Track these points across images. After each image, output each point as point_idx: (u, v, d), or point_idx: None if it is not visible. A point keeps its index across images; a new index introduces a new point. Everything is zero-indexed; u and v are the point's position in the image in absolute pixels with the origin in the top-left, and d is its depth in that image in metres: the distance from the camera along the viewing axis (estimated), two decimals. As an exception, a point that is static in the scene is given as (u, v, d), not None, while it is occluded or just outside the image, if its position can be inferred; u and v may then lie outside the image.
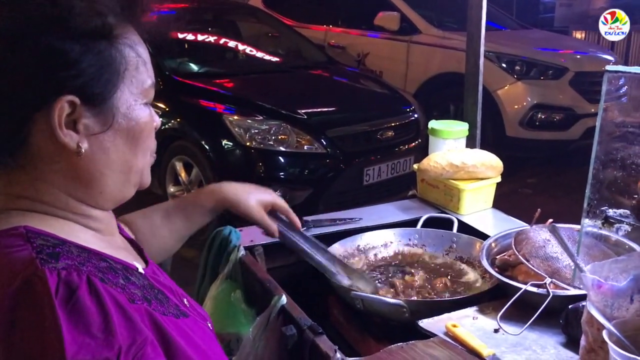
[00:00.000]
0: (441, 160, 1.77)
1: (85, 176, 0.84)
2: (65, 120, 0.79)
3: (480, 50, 2.04)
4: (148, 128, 0.88)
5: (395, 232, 1.67)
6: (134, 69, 0.85)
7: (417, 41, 5.69)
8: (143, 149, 0.89)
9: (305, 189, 3.75)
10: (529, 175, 5.22)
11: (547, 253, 1.33)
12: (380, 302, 1.33)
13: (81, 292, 0.70)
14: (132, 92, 0.85)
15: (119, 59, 0.82)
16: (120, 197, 0.91)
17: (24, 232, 0.77)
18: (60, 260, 0.74)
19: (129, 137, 0.86)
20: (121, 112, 0.84)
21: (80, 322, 0.68)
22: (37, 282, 0.69)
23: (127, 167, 0.88)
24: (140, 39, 0.88)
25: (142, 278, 0.88)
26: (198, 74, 4.40)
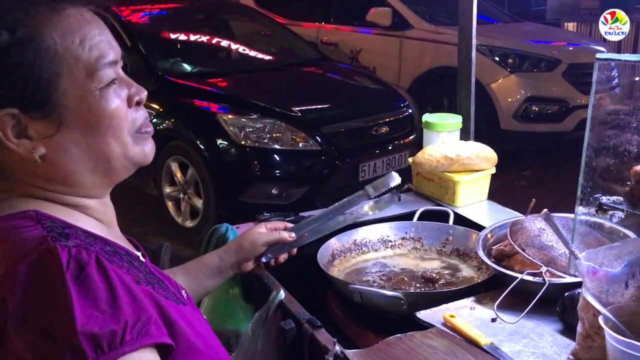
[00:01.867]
0: (436, 153, 1.78)
1: (58, 176, 0.85)
2: (14, 130, 0.80)
3: (473, 42, 2.05)
4: (109, 112, 0.84)
5: (392, 226, 1.67)
6: (71, 59, 0.81)
7: (409, 36, 5.70)
8: (113, 133, 0.86)
9: (301, 187, 3.76)
10: (524, 168, 5.24)
11: (542, 242, 1.34)
12: (377, 295, 1.33)
13: (90, 269, 0.73)
14: (77, 83, 0.82)
15: (47, 58, 0.79)
16: (108, 183, 0.91)
17: (34, 215, 0.80)
18: (70, 239, 0.77)
19: (89, 129, 0.84)
20: (70, 109, 0.82)
21: (89, 296, 0.71)
22: (49, 257, 0.73)
23: (100, 157, 0.86)
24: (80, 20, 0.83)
25: (144, 265, 0.91)
26: (191, 74, 4.40)
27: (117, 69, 0.88)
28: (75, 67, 0.81)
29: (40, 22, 0.80)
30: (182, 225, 3.99)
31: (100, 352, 0.69)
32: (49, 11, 0.81)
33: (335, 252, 1.59)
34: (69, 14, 0.82)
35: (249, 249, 1.35)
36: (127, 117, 0.88)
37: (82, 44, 0.82)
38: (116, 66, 0.87)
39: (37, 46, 0.79)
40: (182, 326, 0.83)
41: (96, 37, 0.84)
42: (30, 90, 0.79)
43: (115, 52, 0.87)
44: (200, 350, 0.84)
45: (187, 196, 3.95)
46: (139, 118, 0.90)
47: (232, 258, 1.34)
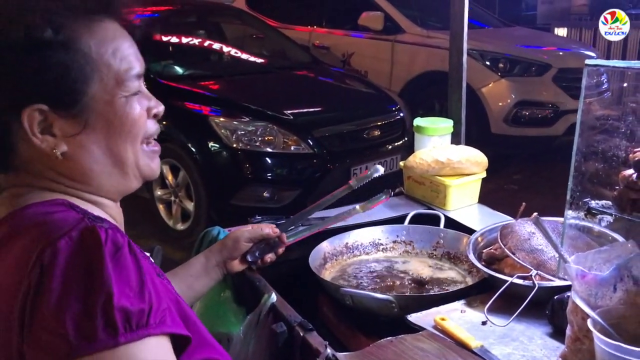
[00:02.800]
0: (427, 157, 1.79)
1: (77, 174, 0.89)
2: (40, 126, 0.84)
3: (464, 46, 2.06)
4: (131, 119, 0.90)
5: (383, 229, 1.68)
6: (104, 67, 0.86)
7: (401, 40, 5.72)
8: (130, 139, 0.90)
9: (293, 190, 3.76)
10: (515, 172, 5.27)
11: (532, 246, 1.36)
12: (369, 298, 1.34)
13: (124, 250, 0.77)
14: (106, 89, 0.87)
15: (82, 62, 0.84)
16: (122, 188, 0.95)
17: (66, 202, 0.85)
18: (105, 222, 0.82)
19: (109, 132, 0.88)
20: (96, 112, 0.86)
21: (122, 274, 0.75)
22: (89, 234, 0.76)
23: (117, 160, 0.91)
24: (115, 32, 0.90)
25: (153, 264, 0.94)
26: (183, 77, 4.40)
27: (141, 81, 0.93)
28: (106, 74, 0.86)
29: (81, 29, 0.85)
30: (174, 228, 3.99)
31: (129, 328, 0.72)
32: (89, 20, 0.86)
33: (327, 255, 1.59)
34: (106, 25, 0.88)
35: (232, 245, 1.38)
36: (144, 126, 0.93)
37: (115, 54, 0.88)
38: (141, 79, 0.92)
39: (76, 50, 0.84)
40: (194, 318, 0.88)
41: (127, 50, 0.90)
42: (63, 90, 0.83)
43: (141, 65, 0.92)
44: (212, 345, 0.89)
45: (178, 199, 3.94)
46: (151, 129, 0.95)
47: (216, 256, 1.36)
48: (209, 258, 1.36)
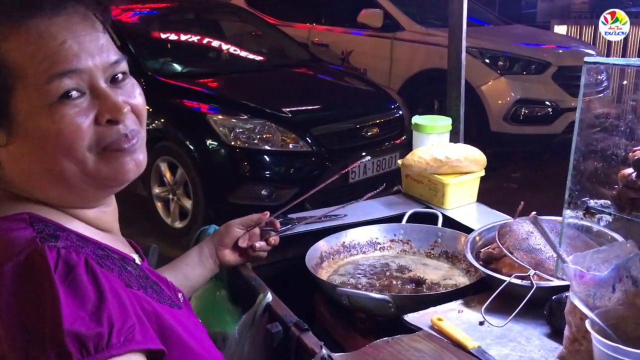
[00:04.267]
0: (425, 155, 1.77)
1: (23, 184, 0.84)
2: None
3: (463, 44, 2.05)
4: (54, 131, 0.79)
5: (380, 228, 1.67)
6: (23, 73, 0.78)
7: (400, 38, 5.71)
8: (64, 152, 0.80)
9: (290, 188, 3.75)
10: (514, 170, 5.26)
11: (530, 245, 1.34)
12: (365, 298, 1.32)
13: (79, 270, 0.73)
14: (26, 98, 0.78)
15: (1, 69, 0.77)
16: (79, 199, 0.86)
17: (27, 217, 0.80)
18: (60, 241, 0.77)
19: (35, 145, 0.80)
20: (19, 122, 0.79)
21: (77, 296, 0.71)
22: (37, 257, 0.73)
23: (55, 174, 0.82)
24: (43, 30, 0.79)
25: (139, 269, 0.90)
26: (181, 74, 4.39)
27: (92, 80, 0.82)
28: (25, 81, 0.78)
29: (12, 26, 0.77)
30: (171, 226, 3.97)
31: (86, 353, 0.68)
32: (9, 24, 0.78)
33: (323, 254, 1.58)
34: (33, 25, 0.78)
35: (224, 230, 1.38)
36: (86, 135, 0.81)
37: (35, 55, 0.78)
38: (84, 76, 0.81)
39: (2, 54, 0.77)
40: (175, 329, 0.83)
41: (55, 47, 0.79)
42: None
43: (83, 61, 0.80)
44: (194, 353, 0.84)
45: (176, 197, 3.93)
46: (110, 135, 0.83)
47: (209, 245, 1.36)
48: (203, 247, 1.36)
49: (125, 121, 0.85)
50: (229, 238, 1.37)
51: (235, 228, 1.38)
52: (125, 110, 0.84)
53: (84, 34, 0.81)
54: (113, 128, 0.83)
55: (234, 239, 1.38)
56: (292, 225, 1.61)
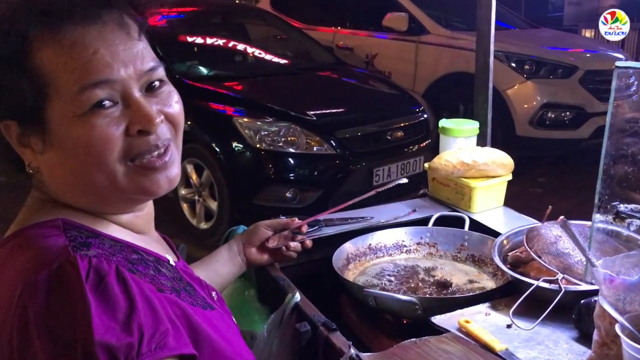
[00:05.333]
0: (452, 158, 1.78)
1: (59, 190, 0.86)
2: (21, 139, 0.82)
3: (490, 48, 2.05)
4: (85, 140, 0.79)
5: (407, 231, 1.68)
6: (56, 81, 0.78)
7: (425, 41, 5.69)
8: (95, 162, 0.80)
9: (315, 190, 3.77)
10: (539, 174, 5.21)
11: (558, 249, 1.34)
12: (392, 299, 1.33)
13: (110, 279, 0.74)
14: (60, 106, 0.79)
15: (30, 80, 0.78)
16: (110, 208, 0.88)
17: (61, 224, 0.81)
18: (92, 249, 0.78)
19: (68, 154, 0.81)
20: (53, 131, 0.80)
21: (107, 307, 0.72)
22: (69, 267, 0.73)
23: (85, 183, 0.83)
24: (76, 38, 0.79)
25: (173, 270, 0.91)
26: (208, 77, 4.43)
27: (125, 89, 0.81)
28: (58, 90, 0.78)
29: (31, 43, 0.78)
30: (197, 227, 4.02)
31: None
32: (45, 32, 0.78)
33: (350, 255, 1.59)
34: (66, 33, 0.78)
35: (252, 230, 1.42)
36: (116, 145, 0.80)
37: (67, 64, 0.78)
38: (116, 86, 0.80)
39: (23, 68, 0.78)
40: (207, 332, 0.83)
41: (87, 56, 0.78)
42: (20, 108, 0.80)
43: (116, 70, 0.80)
44: (226, 356, 0.85)
45: (202, 198, 3.98)
46: (139, 146, 0.83)
47: (238, 244, 1.40)
48: (232, 245, 1.40)
49: (157, 131, 0.84)
50: (256, 238, 1.41)
51: (262, 229, 1.42)
52: (158, 120, 0.83)
53: (117, 42, 0.81)
54: (144, 139, 0.83)
55: (262, 240, 1.41)
56: (319, 227, 1.63)
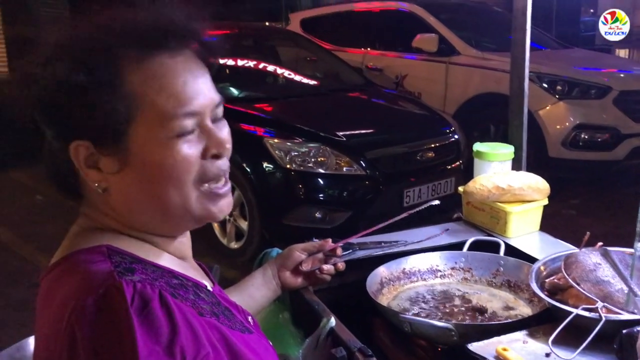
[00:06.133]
0: (487, 182, 1.77)
1: (123, 210, 0.88)
2: (88, 160, 0.84)
3: (525, 72, 2.04)
4: (171, 162, 0.84)
5: (441, 255, 1.67)
6: (150, 106, 0.82)
7: (455, 62, 5.69)
8: (175, 183, 0.85)
9: (344, 211, 3.78)
10: (573, 197, 5.13)
11: (598, 277, 1.32)
12: (428, 325, 1.32)
13: (154, 304, 0.76)
14: (148, 129, 0.83)
15: (126, 102, 0.81)
16: (171, 230, 0.91)
17: (105, 250, 0.84)
18: (136, 274, 0.80)
19: (150, 174, 0.84)
20: (135, 152, 0.83)
21: (151, 331, 0.74)
22: (115, 292, 0.76)
23: (159, 203, 0.86)
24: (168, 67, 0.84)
25: (211, 295, 0.93)
26: (239, 99, 4.50)
27: (202, 119, 0.87)
28: (149, 114, 0.82)
29: (124, 66, 0.82)
30: (227, 247, 4.05)
31: None
32: (138, 56, 0.83)
33: (383, 280, 1.59)
34: (158, 60, 0.84)
35: (286, 253, 1.42)
36: (193, 168, 0.86)
37: (161, 91, 0.83)
38: (198, 116, 0.86)
39: (115, 89, 0.81)
40: (246, 356, 0.85)
41: (179, 86, 0.84)
42: (103, 129, 0.82)
43: (200, 102, 0.86)
44: None
45: (232, 218, 4.01)
46: (211, 170, 0.88)
47: (272, 267, 1.41)
48: (266, 269, 1.41)
49: (226, 155, 0.91)
50: (290, 261, 1.41)
51: (296, 252, 1.43)
52: (228, 146, 0.90)
53: (199, 75, 0.88)
54: (215, 163, 0.89)
55: (295, 263, 1.42)
56: (352, 250, 1.63)
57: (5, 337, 2.95)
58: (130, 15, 0.87)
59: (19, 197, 4.91)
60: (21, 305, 3.32)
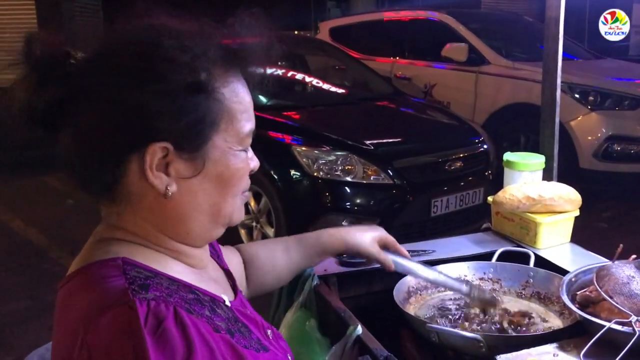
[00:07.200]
0: (517, 193, 1.74)
1: (173, 216, 0.89)
2: (157, 163, 0.84)
3: (557, 83, 2.02)
4: (239, 174, 0.92)
5: (470, 266, 1.65)
6: (231, 118, 0.88)
7: (485, 72, 5.65)
8: (233, 192, 0.92)
9: (371, 220, 3.75)
10: (604, 209, 5.03)
11: (631, 290, 1.29)
12: (456, 336, 1.31)
13: (168, 323, 0.75)
14: (226, 140, 0.89)
15: (215, 110, 0.86)
16: (208, 237, 0.95)
17: (121, 264, 0.83)
18: (150, 291, 0.79)
19: (218, 182, 0.89)
20: (213, 159, 0.88)
21: (166, 350, 0.73)
22: (128, 311, 0.76)
23: (215, 210, 0.91)
24: (244, 84, 0.92)
25: (228, 310, 0.92)
26: (267, 106, 4.52)
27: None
28: (231, 125, 0.89)
29: (218, 76, 0.87)
30: (254, 254, 4.06)
31: None
32: (225, 69, 0.89)
33: (411, 289, 1.58)
34: (237, 77, 0.91)
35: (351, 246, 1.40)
36: (246, 180, 0.95)
37: (240, 106, 0.90)
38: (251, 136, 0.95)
39: (210, 95, 0.86)
40: None
41: (248, 104, 0.92)
42: (191, 133, 0.84)
43: (253, 123, 0.94)
44: None
45: (259, 225, 4.03)
46: (247, 184, 0.97)
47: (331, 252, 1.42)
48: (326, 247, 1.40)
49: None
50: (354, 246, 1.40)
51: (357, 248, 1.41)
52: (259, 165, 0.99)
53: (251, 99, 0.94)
54: (248, 179, 0.97)
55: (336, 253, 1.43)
56: None
57: (36, 338, 3.02)
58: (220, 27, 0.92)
59: (51, 202, 5.02)
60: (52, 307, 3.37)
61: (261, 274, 1.34)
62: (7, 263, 4.23)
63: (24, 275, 4.05)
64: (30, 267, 4.15)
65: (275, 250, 1.38)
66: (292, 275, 1.42)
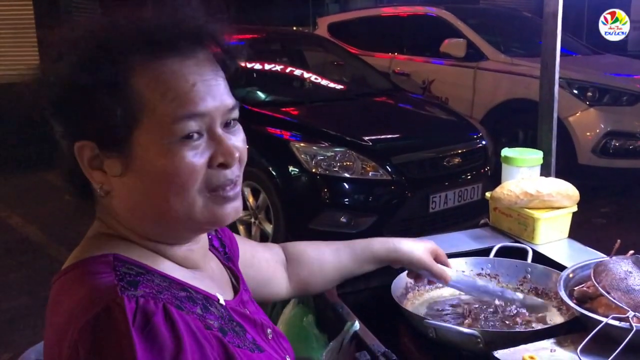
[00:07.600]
0: (515, 188, 1.74)
1: (125, 215, 0.86)
2: (93, 161, 0.83)
3: (555, 78, 2.01)
4: (172, 168, 0.81)
5: (467, 261, 1.65)
6: (152, 109, 0.80)
7: (484, 67, 5.65)
8: (175, 190, 0.82)
9: (370, 216, 3.76)
10: (602, 205, 5.03)
11: (629, 285, 1.29)
12: (453, 332, 1.31)
13: (157, 319, 0.74)
14: (150, 132, 0.81)
15: (128, 104, 0.80)
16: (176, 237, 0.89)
17: (112, 260, 0.82)
18: (140, 288, 0.78)
19: (150, 180, 0.82)
20: (138, 155, 0.81)
21: (154, 347, 0.72)
22: (116, 308, 0.74)
23: (161, 210, 0.84)
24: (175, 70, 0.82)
25: (222, 309, 0.90)
26: (266, 102, 4.53)
27: (211, 123, 0.85)
28: (152, 117, 0.80)
29: (131, 69, 0.80)
30: (252, 250, 4.06)
31: None
32: (147, 59, 0.81)
33: (408, 285, 1.57)
34: (167, 62, 0.82)
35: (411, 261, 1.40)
36: (199, 176, 0.83)
37: (166, 94, 0.80)
38: (205, 120, 0.84)
39: (119, 92, 0.80)
40: None
41: (184, 88, 0.81)
42: (105, 131, 0.81)
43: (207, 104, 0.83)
44: None
45: (257, 221, 4.03)
46: (218, 179, 0.86)
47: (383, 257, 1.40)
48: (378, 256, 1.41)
49: (233, 166, 0.88)
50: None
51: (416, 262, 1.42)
52: (237, 155, 0.87)
53: (210, 78, 0.84)
54: (221, 172, 0.86)
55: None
56: None
57: (34, 335, 3.02)
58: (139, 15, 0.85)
59: (50, 198, 5.01)
60: (50, 303, 3.38)
61: (307, 274, 1.33)
62: (6, 260, 4.23)
63: (22, 272, 4.05)
64: (29, 264, 4.15)
65: (324, 251, 1.36)
66: (340, 279, 1.40)
